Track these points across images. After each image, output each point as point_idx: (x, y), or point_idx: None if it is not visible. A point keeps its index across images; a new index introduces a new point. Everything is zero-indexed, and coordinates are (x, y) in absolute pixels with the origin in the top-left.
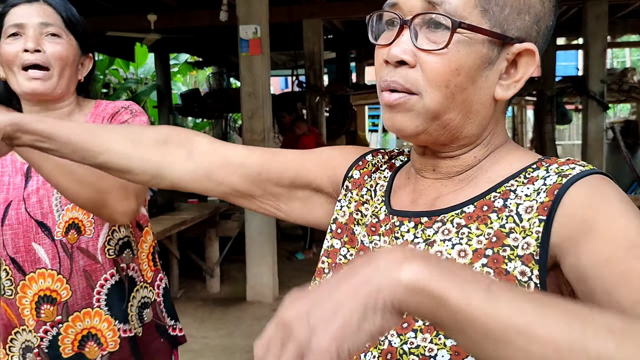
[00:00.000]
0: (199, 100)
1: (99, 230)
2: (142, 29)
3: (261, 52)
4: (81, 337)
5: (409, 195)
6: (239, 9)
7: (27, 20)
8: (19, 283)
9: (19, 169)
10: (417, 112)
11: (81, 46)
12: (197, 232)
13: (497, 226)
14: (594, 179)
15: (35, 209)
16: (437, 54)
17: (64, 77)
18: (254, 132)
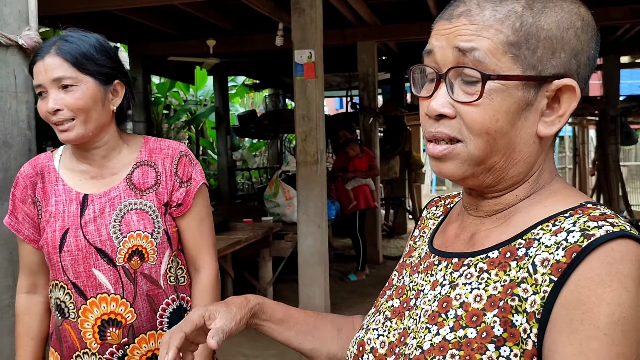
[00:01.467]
0: (255, 121)
1: (161, 258)
2: (202, 54)
3: (315, 76)
4: (145, 358)
5: (455, 230)
6: (294, 34)
7: (43, 80)
8: (80, 307)
9: (74, 199)
10: (463, 160)
11: (101, 80)
12: (251, 251)
13: (514, 274)
14: (618, 246)
15: (93, 237)
16: (473, 105)
17: (90, 121)
18: (308, 154)
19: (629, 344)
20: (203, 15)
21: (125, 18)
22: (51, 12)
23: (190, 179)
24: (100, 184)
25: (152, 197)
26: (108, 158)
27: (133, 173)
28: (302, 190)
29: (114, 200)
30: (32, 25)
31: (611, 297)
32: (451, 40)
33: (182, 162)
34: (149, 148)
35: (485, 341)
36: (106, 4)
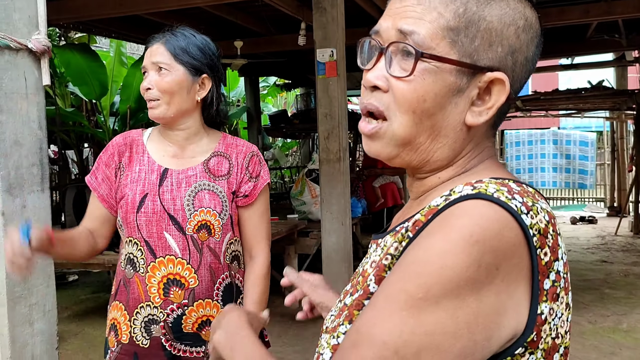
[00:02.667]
0: (286, 121)
1: (224, 236)
2: (231, 55)
3: (337, 75)
4: (201, 321)
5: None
6: (316, 33)
7: (147, 61)
8: (149, 264)
9: (155, 169)
10: (389, 139)
11: (190, 71)
12: (277, 248)
13: (400, 238)
14: (464, 205)
15: (169, 204)
16: (405, 81)
17: (173, 103)
18: (330, 151)
19: (418, 284)
20: (231, 18)
21: (155, 21)
22: (84, 18)
23: (258, 175)
24: (180, 162)
25: (223, 184)
26: (189, 141)
27: (210, 160)
28: (325, 187)
29: (190, 179)
30: (41, 30)
31: (427, 243)
32: (397, 21)
33: (253, 160)
34: (226, 143)
35: (362, 298)
36: (135, 9)
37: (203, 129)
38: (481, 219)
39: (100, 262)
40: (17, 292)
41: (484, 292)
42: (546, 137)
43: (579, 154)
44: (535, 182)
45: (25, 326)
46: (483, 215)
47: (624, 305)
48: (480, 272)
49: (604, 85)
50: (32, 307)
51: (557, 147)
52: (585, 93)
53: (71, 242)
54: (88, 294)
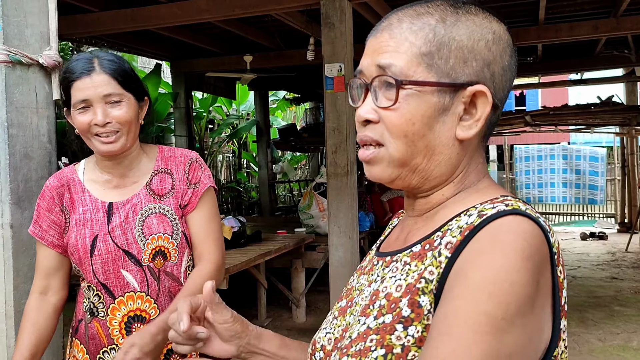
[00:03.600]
0: (295, 135)
1: (181, 257)
2: (241, 69)
3: (345, 89)
4: (167, 350)
5: (396, 233)
6: (325, 48)
7: (92, 94)
8: (109, 306)
9: (100, 207)
10: (387, 162)
11: (137, 97)
12: (284, 262)
13: (428, 262)
14: (506, 221)
15: (121, 241)
16: (392, 110)
17: (131, 133)
18: (338, 166)
19: (496, 304)
20: (241, 32)
21: (167, 37)
22: (97, 32)
23: (198, 181)
24: (122, 192)
25: (169, 202)
26: (130, 167)
27: (152, 180)
28: (332, 201)
29: (136, 207)
30: (52, 45)
31: (487, 262)
32: (375, 57)
33: (192, 167)
34: (165, 157)
35: (395, 322)
36: (146, 23)
37: (142, 150)
38: (526, 234)
39: None
40: (24, 304)
41: (535, 306)
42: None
43: (589, 169)
44: (545, 197)
45: None
46: (526, 231)
47: (635, 323)
48: (534, 286)
49: (613, 101)
50: None
51: (566, 162)
52: (595, 108)
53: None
54: None
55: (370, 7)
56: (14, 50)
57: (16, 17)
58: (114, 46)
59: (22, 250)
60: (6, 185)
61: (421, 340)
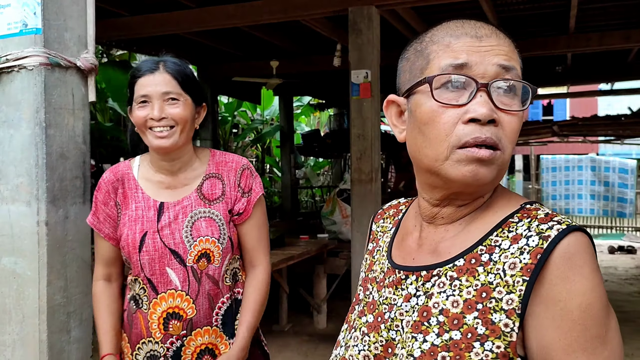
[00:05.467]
0: (319, 140)
1: (223, 260)
2: (267, 74)
3: (371, 96)
4: (199, 350)
5: (415, 242)
6: (351, 54)
7: (152, 90)
8: (151, 300)
9: (151, 206)
10: (497, 166)
11: (195, 100)
12: (306, 268)
13: (483, 278)
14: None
15: (168, 239)
16: (513, 114)
17: (184, 132)
18: (362, 172)
19: (600, 324)
20: (267, 37)
21: (194, 41)
22: (127, 36)
23: (250, 189)
24: (174, 193)
25: (219, 207)
26: (182, 170)
27: (203, 184)
28: (356, 208)
29: (186, 209)
30: (89, 49)
31: (577, 289)
32: (491, 57)
33: (244, 174)
34: (216, 161)
35: (471, 340)
36: (176, 28)
37: (194, 154)
38: (589, 248)
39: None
40: (56, 299)
41: None
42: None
43: (618, 182)
44: (572, 209)
45: (63, 333)
46: (588, 245)
47: None
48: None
49: None
50: (70, 315)
51: (595, 173)
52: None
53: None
54: None
55: (397, 14)
56: (53, 53)
57: (56, 21)
58: (143, 50)
59: (56, 248)
60: (42, 184)
61: (504, 355)
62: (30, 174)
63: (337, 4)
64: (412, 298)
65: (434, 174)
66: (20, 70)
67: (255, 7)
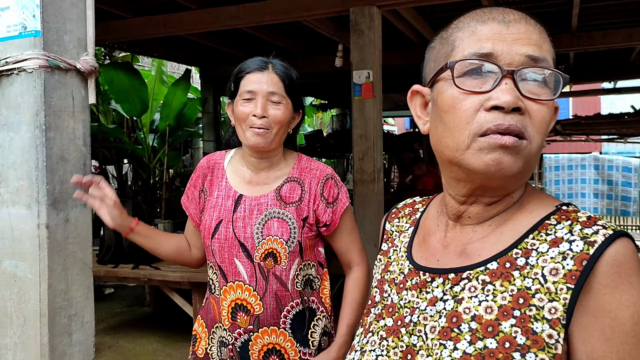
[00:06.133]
0: (321, 141)
1: (291, 264)
2: None
3: (373, 96)
4: (267, 349)
5: (440, 242)
6: (353, 54)
7: (258, 88)
8: (222, 287)
9: (231, 195)
10: (523, 156)
11: (294, 106)
12: None
13: (519, 283)
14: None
15: (240, 231)
16: (543, 104)
17: (279, 134)
18: (364, 172)
19: None
20: (269, 38)
21: (196, 42)
22: (129, 38)
23: (336, 199)
24: (254, 189)
25: (292, 210)
26: (269, 169)
27: (283, 186)
28: (358, 209)
29: (262, 206)
30: (89, 51)
31: (627, 300)
32: (519, 46)
33: (328, 184)
34: (301, 166)
35: (510, 351)
36: (178, 29)
37: (282, 156)
38: (636, 256)
39: (136, 276)
40: (57, 302)
41: None
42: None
43: (622, 180)
44: None
45: (64, 336)
46: (635, 253)
47: None
48: None
49: None
50: (71, 318)
51: (598, 172)
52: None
53: (156, 236)
54: (124, 307)
55: (399, 14)
56: (53, 56)
57: (55, 24)
58: (146, 51)
59: (57, 251)
60: (43, 187)
61: None
62: (31, 177)
63: (338, 5)
64: (438, 302)
65: (456, 164)
66: (20, 73)
67: (257, 8)
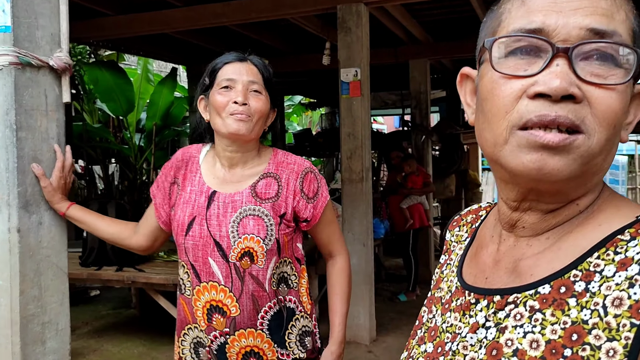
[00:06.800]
0: (310, 140)
1: (268, 263)
2: None
3: (361, 94)
4: (245, 352)
5: (491, 256)
6: (340, 52)
7: (238, 76)
8: (195, 287)
9: (204, 191)
10: (579, 155)
11: (271, 101)
12: None
13: (574, 314)
14: None
15: (215, 230)
16: (609, 89)
17: (258, 125)
18: (353, 171)
19: None
20: (256, 36)
21: (183, 40)
22: (114, 36)
23: (316, 193)
24: (228, 186)
25: (269, 207)
26: (244, 164)
27: (258, 183)
28: (347, 208)
29: (236, 203)
30: (63, 47)
31: None
32: (578, 18)
33: (307, 178)
34: (277, 161)
35: None
36: (163, 27)
37: (257, 152)
38: None
39: (120, 278)
40: (30, 309)
41: None
42: None
43: (610, 178)
44: None
45: (37, 345)
46: None
47: None
48: None
49: None
50: (44, 326)
51: None
52: None
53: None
54: (109, 309)
55: (387, 11)
56: (24, 52)
57: (27, 19)
58: (131, 50)
59: (29, 256)
60: (14, 189)
61: None
62: (1, 179)
63: (326, 2)
64: (480, 329)
65: (496, 163)
66: None
67: (243, 5)
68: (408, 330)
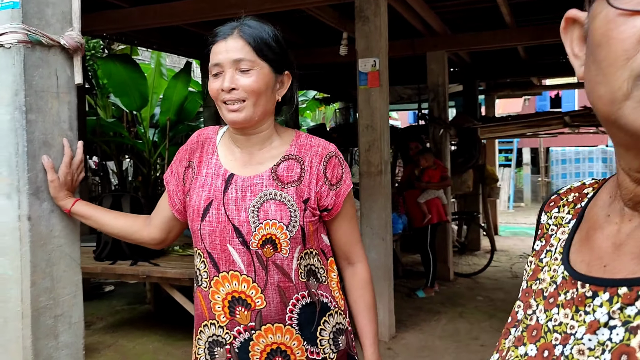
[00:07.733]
0: (324, 135)
1: (293, 252)
2: None
3: (379, 85)
4: (270, 349)
5: (610, 239)
6: (358, 42)
7: (223, 59)
8: (212, 278)
9: (221, 174)
10: None
11: (274, 68)
12: None
13: None
14: None
15: (233, 215)
16: None
17: (259, 105)
18: (371, 164)
19: None
20: None
21: (196, 33)
22: (127, 28)
23: (340, 180)
24: (246, 169)
25: (292, 192)
26: (260, 147)
27: (279, 165)
28: (365, 202)
29: (256, 187)
30: (75, 26)
31: None
32: None
33: (331, 163)
34: (300, 143)
35: None
36: (175, 19)
37: (275, 131)
38: None
39: (135, 272)
40: (41, 302)
41: None
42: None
43: None
44: None
45: (49, 339)
46: None
47: None
48: None
49: None
50: (57, 319)
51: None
52: None
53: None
54: (124, 305)
55: (404, 1)
56: (33, 30)
57: None
58: (145, 43)
59: (41, 245)
60: (24, 175)
61: None
62: (10, 164)
63: None
64: (602, 329)
65: (614, 124)
66: None
67: None
68: (427, 327)
